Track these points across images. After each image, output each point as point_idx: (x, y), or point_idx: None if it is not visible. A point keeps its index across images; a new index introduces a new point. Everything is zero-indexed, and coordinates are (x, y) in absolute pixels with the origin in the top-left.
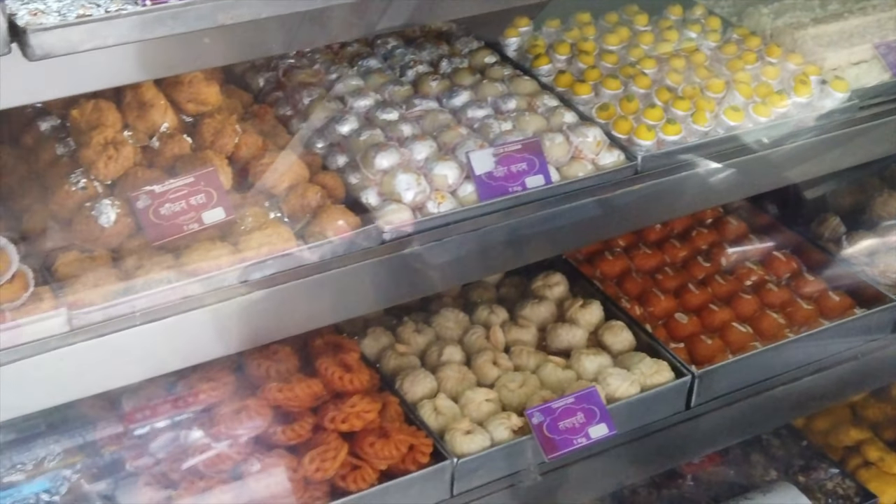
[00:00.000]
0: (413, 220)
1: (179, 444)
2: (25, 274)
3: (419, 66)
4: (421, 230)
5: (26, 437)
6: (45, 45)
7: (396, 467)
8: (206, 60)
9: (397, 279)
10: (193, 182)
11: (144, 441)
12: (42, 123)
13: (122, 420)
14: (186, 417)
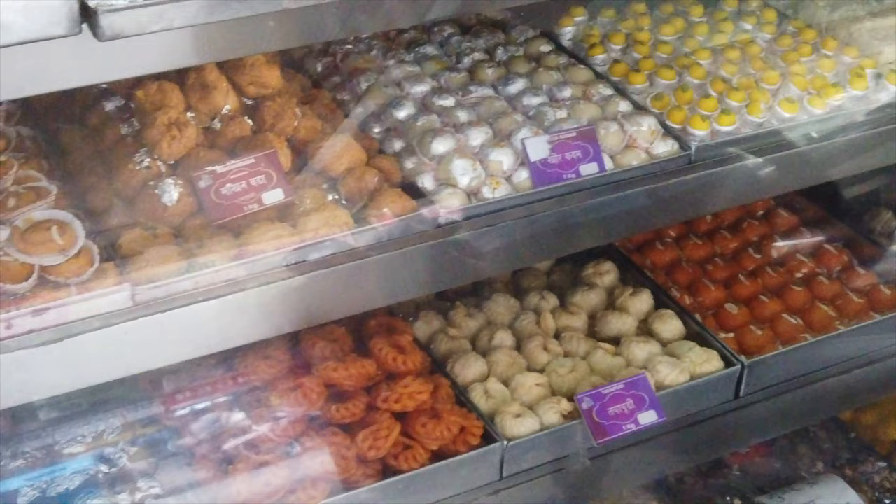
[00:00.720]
0: (468, 205)
1: (235, 419)
2: (91, 250)
3: (475, 53)
4: (476, 215)
5: (85, 410)
6: (114, 26)
7: (447, 448)
8: (269, 44)
9: (451, 263)
10: (254, 163)
11: (200, 416)
12: (107, 104)
13: (177, 396)
14: (243, 394)
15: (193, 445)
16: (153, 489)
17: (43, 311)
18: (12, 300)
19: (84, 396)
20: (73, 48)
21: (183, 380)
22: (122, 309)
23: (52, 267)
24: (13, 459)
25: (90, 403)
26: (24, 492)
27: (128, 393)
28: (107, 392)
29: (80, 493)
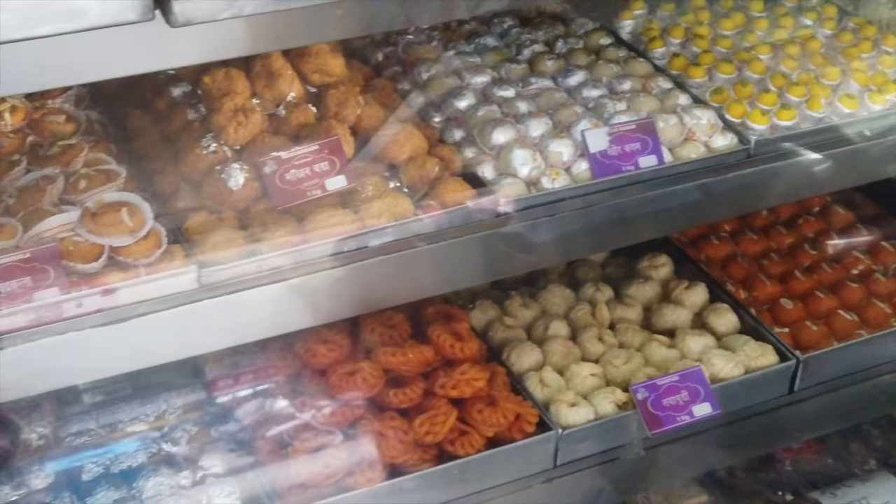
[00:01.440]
0: (528, 195)
1: (295, 402)
2: (159, 232)
3: (535, 45)
4: (535, 205)
5: (148, 389)
6: (186, 13)
7: (502, 435)
8: (335, 32)
9: (510, 252)
10: (318, 150)
11: (260, 398)
12: (174, 89)
13: (238, 377)
14: (303, 376)
15: (253, 426)
16: (214, 468)
17: (112, 291)
18: (83, 279)
19: (147, 376)
20: (145, 34)
21: (244, 362)
22: (189, 290)
23: (122, 248)
24: (78, 436)
25: (153, 383)
26: (88, 468)
27: (189, 373)
28: (169, 372)
29: (142, 471)
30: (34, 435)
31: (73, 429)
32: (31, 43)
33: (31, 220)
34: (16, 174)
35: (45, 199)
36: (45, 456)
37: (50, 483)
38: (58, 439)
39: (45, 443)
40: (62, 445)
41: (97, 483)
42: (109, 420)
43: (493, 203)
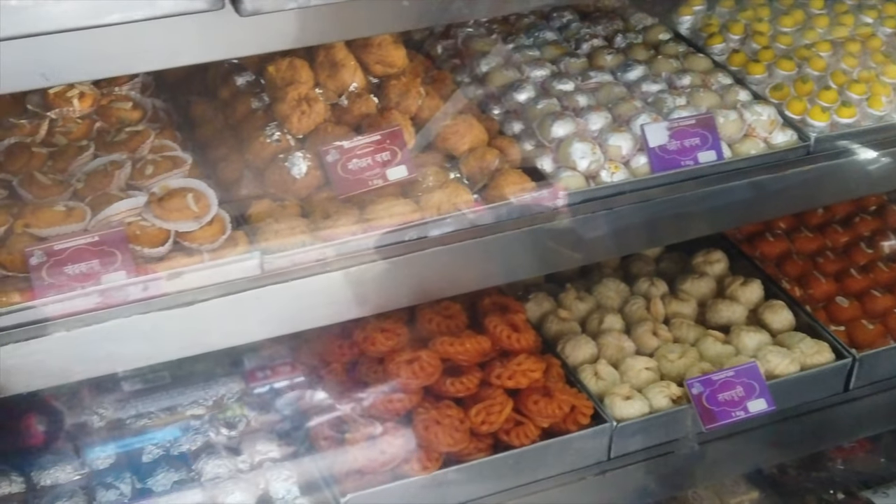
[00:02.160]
0: (587, 188)
1: (352, 389)
2: (223, 218)
3: (594, 39)
4: (594, 198)
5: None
6: (255, 2)
7: (556, 427)
8: (401, 23)
9: (568, 245)
10: (380, 140)
11: (318, 384)
12: (238, 78)
13: (296, 364)
14: (360, 364)
15: (310, 413)
16: (271, 453)
17: (177, 276)
18: (149, 263)
19: (205, 361)
20: (214, 22)
21: (301, 348)
22: (251, 276)
23: (187, 233)
24: (138, 419)
25: (210, 368)
26: (148, 450)
27: (247, 359)
28: (227, 357)
29: (201, 454)
30: (95, 416)
31: (132, 411)
32: (102, 30)
33: (99, 204)
34: (84, 159)
35: (112, 184)
36: (106, 437)
37: (111, 463)
38: (118, 421)
39: (107, 424)
40: (123, 427)
41: (157, 464)
42: (168, 403)
43: (553, 195)
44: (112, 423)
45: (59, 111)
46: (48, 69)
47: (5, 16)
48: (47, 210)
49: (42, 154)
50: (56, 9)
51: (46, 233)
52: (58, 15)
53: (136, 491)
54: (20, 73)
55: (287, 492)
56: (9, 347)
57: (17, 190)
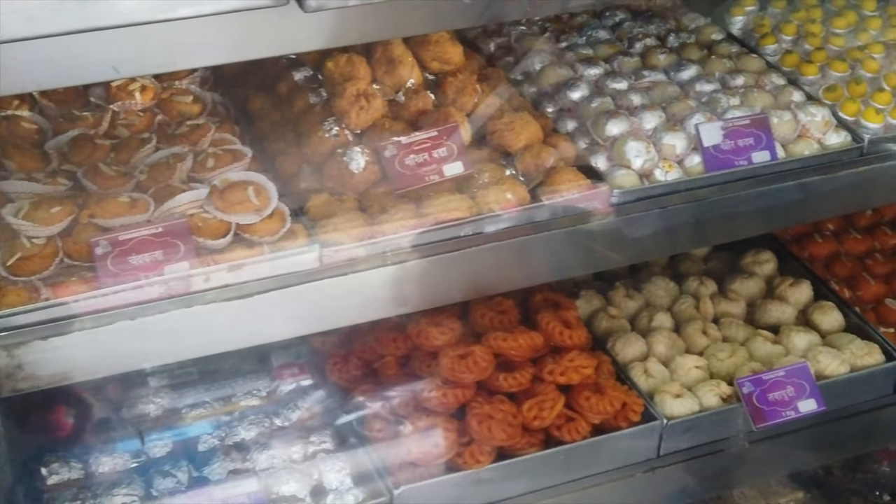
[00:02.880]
0: (642, 186)
1: (407, 382)
2: (283, 211)
3: (647, 39)
4: (648, 196)
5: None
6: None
7: (606, 423)
8: (461, 21)
9: (621, 242)
10: (437, 136)
11: (372, 377)
12: (295, 73)
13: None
14: (413, 358)
15: (364, 405)
16: (325, 444)
17: (238, 267)
18: (210, 255)
19: (259, 352)
20: (278, 18)
21: (355, 341)
22: (310, 269)
23: (248, 226)
24: (193, 408)
25: (264, 359)
26: (203, 439)
27: (301, 351)
28: (281, 349)
29: (255, 444)
30: (152, 405)
31: (188, 401)
32: (172, 24)
33: (162, 196)
34: (146, 151)
35: (174, 177)
36: (162, 425)
37: (168, 451)
38: (174, 410)
39: (163, 413)
40: (178, 416)
41: (213, 454)
42: (225, 393)
43: (607, 193)
44: (168, 412)
45: (122, 104)
46: (119, 62)
47: (79, 9)
48: (112, 201)
49: (105, 146)
50: (128, 3)
51: (111, 223)
52: (130, 9)
53: (193, 479)
54: (92, 66)
55: (340, 483)
56: (73, 336)
57: (82, 181)
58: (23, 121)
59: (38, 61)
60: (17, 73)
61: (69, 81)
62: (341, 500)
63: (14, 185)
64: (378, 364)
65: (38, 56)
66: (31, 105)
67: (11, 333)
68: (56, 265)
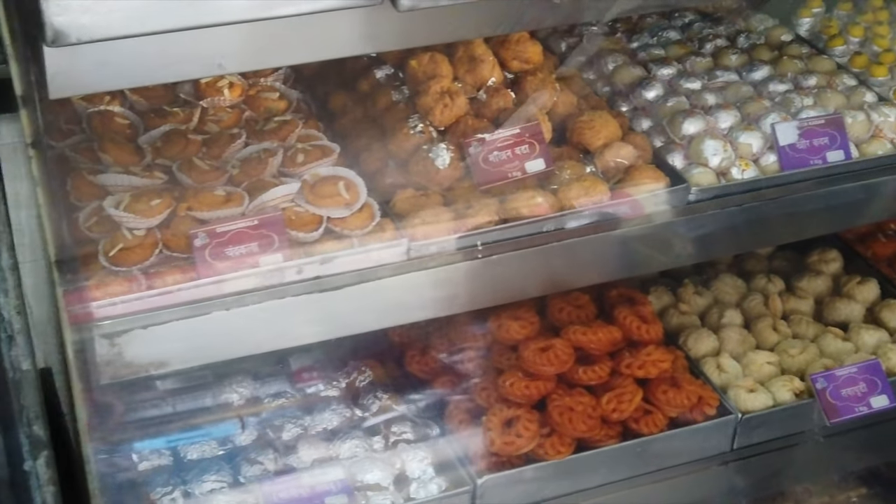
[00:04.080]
0: (719, 185)
1: (488, 374)
2: (372, 206)
3: (717, 40)
4: (726, 194)
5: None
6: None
7: (682, 417)
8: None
9: (698, 239)
10: (519, 133)
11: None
12: (377, 72)
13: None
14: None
15: (445, 396)
16: (405, 434)
17: (331, 260)
18: (302, 247)
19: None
20: (372, 17)
21: (434, 334)
22: (398, 262)
23: (339, 219)
24: (276, 398)
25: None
26: (287, 428)
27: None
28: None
29: (337, 434)
30: (235, 395)
31: (271, 391)
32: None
33: (255, 189)
34: (236, 147)
35: (266, 171)
36: (246, 414)
37: (253, 440)
38: (257, 400)
39: (246, 403)
40: (261, 405)
41: (297, 442)
42: (302, 385)
43: (686, 191)
44: (251, 402)
45: (211, 100)
46: (225, 57)
47: (187, 7)
48: (208, 194)
49: (197, 141)
50: (233, 1)
51: (207, 216)
52: (234, 7)
53: (279, 466)
54: (199, 61)
55: (422, 472)
56: (171, 325)
57: (177, 174)
58: (116, 116)
59: (149, 56)
60: (131, 68)
61: (177, 77)
62: (425, 488)
63: (112, 178)
64: (457, 357)
65: (150, 52)
66: (121, 101)
67: (113, 322)
68: (155, 256)
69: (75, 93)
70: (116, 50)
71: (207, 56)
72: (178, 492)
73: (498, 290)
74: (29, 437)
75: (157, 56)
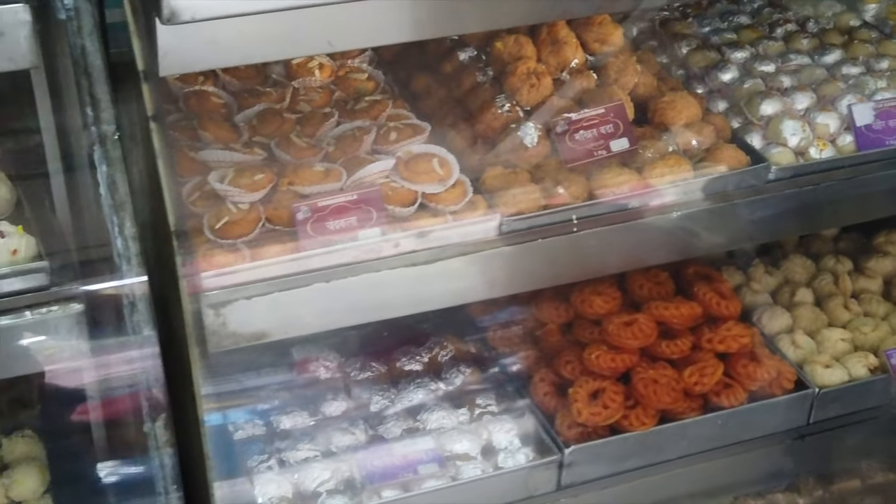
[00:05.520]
0: (798, 164)
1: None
2: (464, 182)
3: (787, 24)
4: (804, 173)
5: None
6: None
7: (760, 391)
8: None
9: (774, 217)
10: (604, 113)
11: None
12: (460, 53)
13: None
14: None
15: (529, 369)
16: (490, 406)
17: (426, 234)
18: (397, 222)
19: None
20: None
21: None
22: (490, 238)
23: (433, 195)
24: (362, 371)
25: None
26: (375, 400)
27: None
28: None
29: (424, 406)
30: (322, 368)
31: (356, 364)
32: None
33: (351, 166)
34: (330, 125)
35: (360, 148)
36: (334, 387)
37: (343, 411)
38: (344, 373)
39: (332, 375)
40: (348, 378)
41: (385, 414)
42: (387, 359)
43: (765, 171)
44: (337, 374)
45: (301, 81)
46: (333, 36)
47: None
48: (308, 170)
49: (291, 119)
50: None
51: (308, 191)
52: None
53: (370, 437)
54: (310, 40)
55: (510, 443)
56: (273, 296)
57: (275, 151)
58: (211, 95)
59: (257, 35)
60: (240, 46)
61: (285, 55)
62: (513, 458)
63: (214, 154)
64: (540, 331)
65: (258, 30)
66: (213, 81)
67: (219, 292)
68: (258, 229)
69: (184, 70)
70: (225, 28)
71: (317, 34)
72: (274, 459)
73: (587, 265)
74: (149, 399)
75: (266, 34)
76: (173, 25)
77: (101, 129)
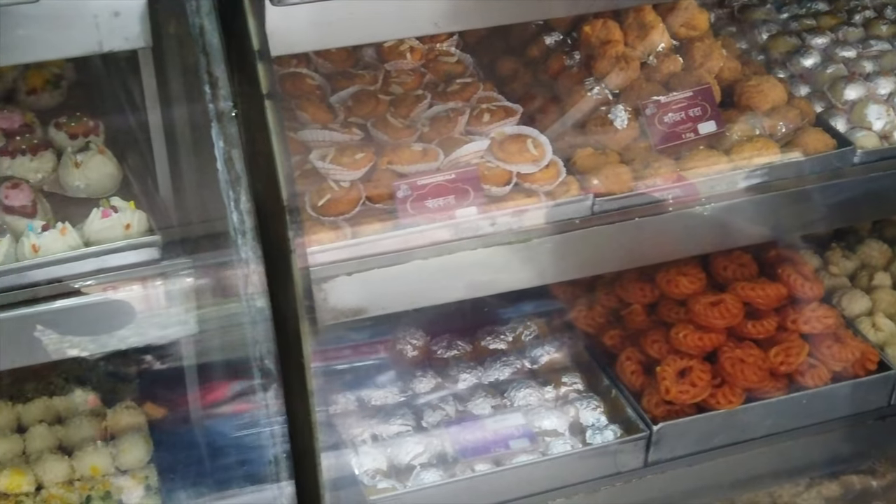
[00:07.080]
0: (883, 147)
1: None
2: (557, 163)
3: (865, 11)
4: (889, 157)
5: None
6: None
7: (843, 371)
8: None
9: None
10: (692, 96)
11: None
12: (547, 38)
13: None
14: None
15: (615, 348)
16: (575, 385)
17: (521, 213)
18: (493, 201)
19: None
20: None
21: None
22: (583, 217)
23: (527, 175)
24: (447, 349)
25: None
26: (462, 377)
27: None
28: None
29: (511, 383)
30: (409, 346)
31: (442, 343)
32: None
33: (447, 146)
34: (423, 107)
35: (455, 129)
36: (421, 364)
37: (431, 387)
38: (430, 351)
39: (419, 353)
40: (434, 357)
41: (474, 391)
42: (474, 338)
43: (852, 153)
44: (424, 353)
45: (393, 63)
46: (440, 18)
47: None
48: (406, 149)
49: (385, 101)
50: None
51: (406, 170)
52: None
53: (459, 412)
54: (419, 21)
55: (596, 419)
56: (373, 272)
57: (372, 131)
58: (307, 77)
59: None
60: (345, 28)
61: (389, 36)
62: (601, 434)
63: (314, 134)
64: (625, 311)
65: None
66: (306, 64)
67: (321, 268)
68: (359, 207)
69: (290, 51)
70: (330, 10)
71: (426, 17)
72: (368, 434)
73: (676, 245)
74: (261, 369)
75: (370, 17)
76: (282, 6)
77: (218, 107)
